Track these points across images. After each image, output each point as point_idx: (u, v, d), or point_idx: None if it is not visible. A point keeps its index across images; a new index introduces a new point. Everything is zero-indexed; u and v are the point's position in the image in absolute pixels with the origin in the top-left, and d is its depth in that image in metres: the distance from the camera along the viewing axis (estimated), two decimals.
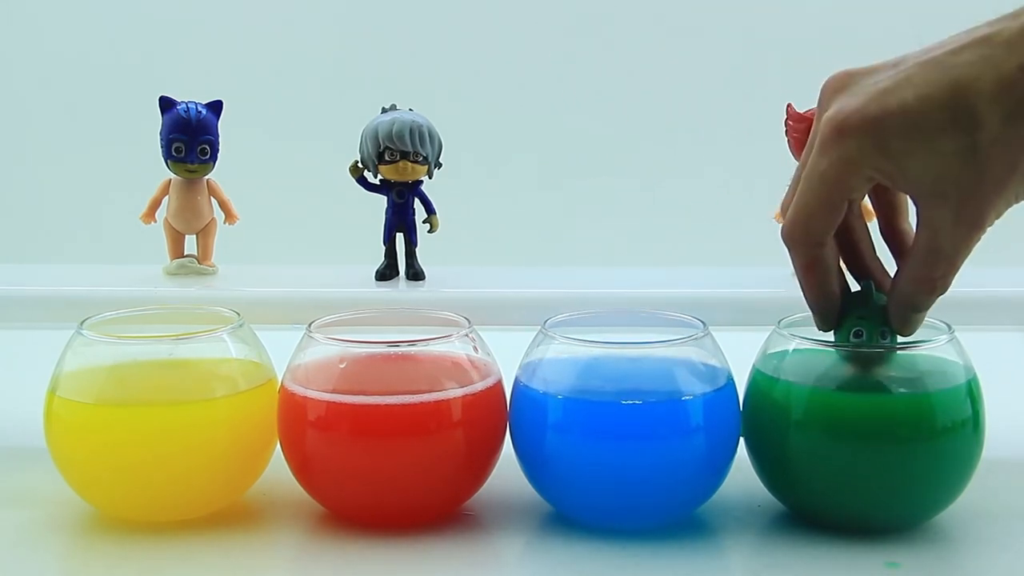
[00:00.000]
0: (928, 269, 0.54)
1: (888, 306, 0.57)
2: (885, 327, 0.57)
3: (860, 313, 0.58)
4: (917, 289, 0.55)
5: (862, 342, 0.57)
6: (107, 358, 0.58)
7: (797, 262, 0.57)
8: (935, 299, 0.56)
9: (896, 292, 0.56)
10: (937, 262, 0.54)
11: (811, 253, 0.56)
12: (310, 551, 0.57)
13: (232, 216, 0.74)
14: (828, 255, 0.56)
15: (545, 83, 1.39)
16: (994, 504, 0.62)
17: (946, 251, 0.53)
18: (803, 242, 0.56)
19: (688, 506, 0.59)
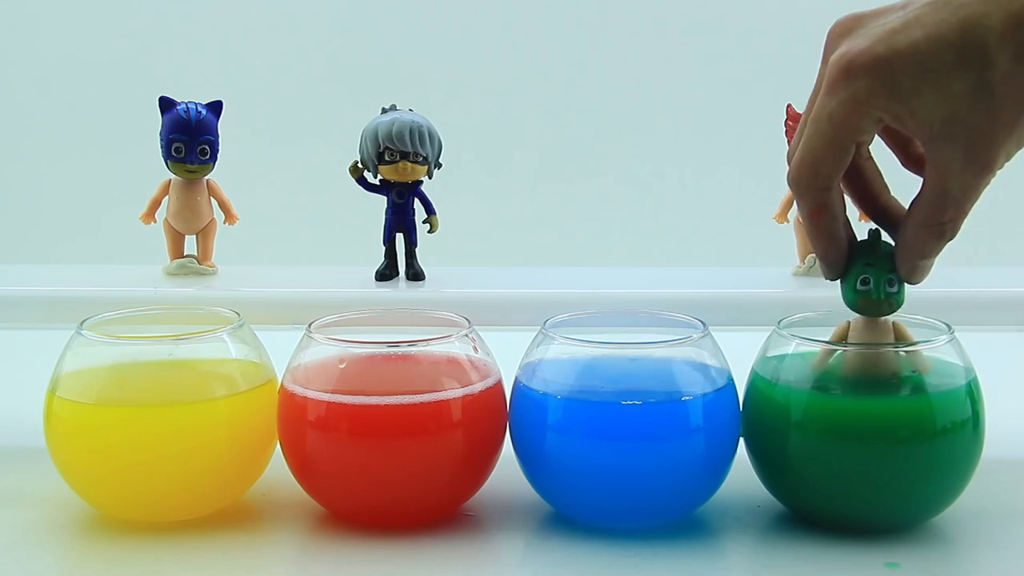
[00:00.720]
0: (936, 213, 0.53)
1: (896, 253, 0.56)
2: (892, 274, 0.56)
3: (867, 260, 0.57)
4: (925, 235, 0.54)
5: (866, 344, 0.57)
6: (107, 358, 0.58)
7: (803, 207, 0.56)
8: (943, 245, 0.55)
9: (903, 239, 0.55)
10: (945, 205, 0.53)
11: (818, 198, 0.55)
12: (310, 551, 0.57)
13: (232, 216, 0.74)
14: (835, 200, 0.55)
15: (545, 83, 1.39)
16: (994, 504, 0.62)
17: (954, 193, 0.52)
18: (810, 186, 0.55)
19: (688, 506, 0.59)
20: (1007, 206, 1.34)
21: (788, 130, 0.71)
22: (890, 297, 0.57)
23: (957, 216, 0.53)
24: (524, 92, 1.39)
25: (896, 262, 0.56)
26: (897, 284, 0.57)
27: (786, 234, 0.74)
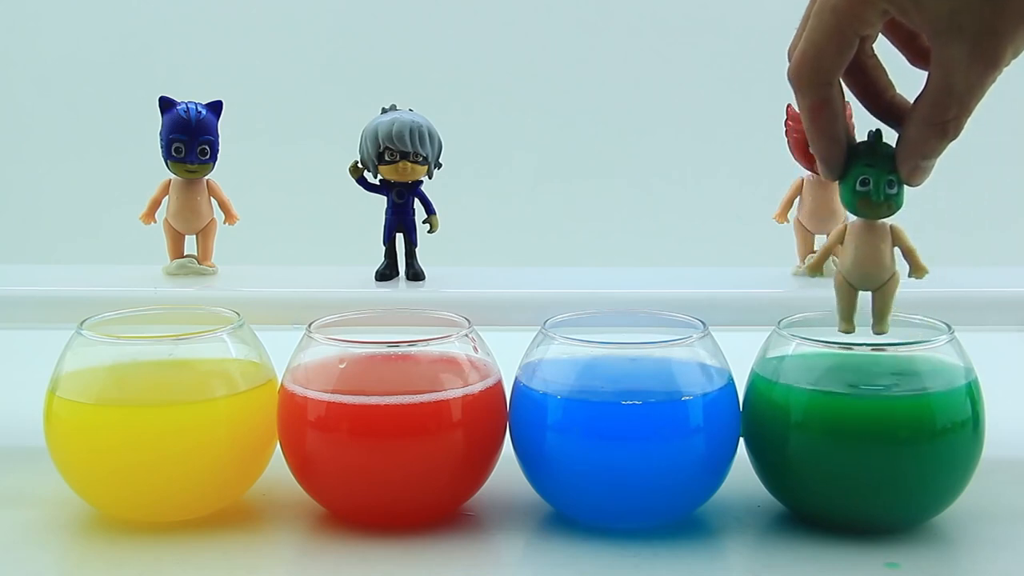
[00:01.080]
0: (940, 111, 0.52)
1: (897, 153, 0.55)
2: (892, 176, 0.56)
3: (867, 161, 0.56)
4: (928, 133, 0.53)
5: (862, 342, 0.57)
6: (107, 358, 0.58)
7: (803, 104, 0.54)
8: (945, 145, 0.53)
9: (905, 137, 0.54)
10: (949, 103, 0.52)
11: (819, 94, 0.54)
12: (310, 551, 0.57)
13: (232, 216, 0.73)
14: (836, 97, 0.54)
15: (545, 83, 1.39)
16: (994, 504, 0.62)
17: (959, 91, 0.51)
18: (811, 81, 0.53)
19: (688, 506, 0.59)
20: (1007, 206, 1.35)
21: (788, 130, 0.71)
22: (889, 199, 0.57)
23: (961, 114, 0.52)
24: (524, 92, 1.39)
25: (897, 162, 0.55)
26: (897, 186, 0.56)
27: (786, 234, 0.74)
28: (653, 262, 0.87)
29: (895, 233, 0.59)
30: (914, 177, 0.56)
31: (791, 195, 0.72)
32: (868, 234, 0.59)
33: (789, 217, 0.73)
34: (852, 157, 0.57)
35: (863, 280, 0.59)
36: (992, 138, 1.34)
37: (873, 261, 0.58)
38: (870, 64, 0.56)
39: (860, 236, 0.59)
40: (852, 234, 0.59)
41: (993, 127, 1.36)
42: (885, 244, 0.59)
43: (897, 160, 0.55)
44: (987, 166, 1.34)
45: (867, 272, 0.59)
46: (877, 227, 0.59)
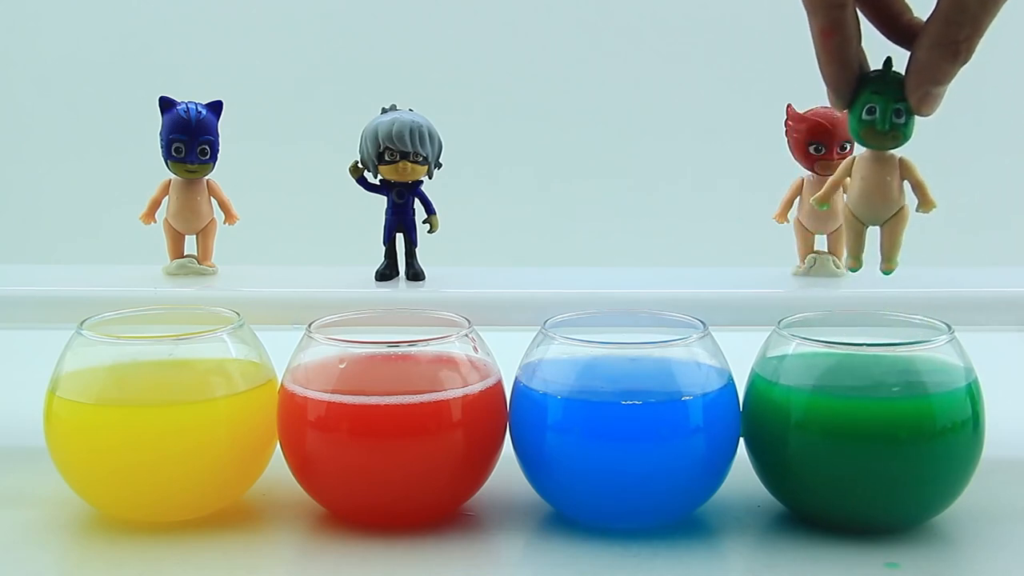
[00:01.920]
0: (952, 30, 0.51)
1: (906, 79, 0.54)
2: (901, 104, 0.55)
3: (875, 88, 0.55)
4: (939, 56, 0.52)
5: (863, 342, 0.57)
6: (107, 358, 0.58)
7: (815, 25, 0.53)
8: (957, 70, 0.52)
9: (915, 61, 0.53)
10: (962, 21, 0.51)
11: (831, 15, 0.52)
12: (310, 551, 0.57)
13: (232, 216, 0.73)
14: (849, 20, 0.53)
15: (545, 84, 1.39)
16: (994, 504, 0.62)
17: (972, 8, 0.50)
18: (823, 3, 0.52)
19: (688, 506, 0.59)
20: (1007, 206, 1.35)
21: (788, 130, 0.71)
22: (896, 128, 0.56)
23: (973, 34, 0.51)
24: (524, 92, 1.39)
25: (906, 89, 0.54)
26: (905, 115, 0.55)
27: (786, 234, 0.74)
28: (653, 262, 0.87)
29: (904, 165, 0.58)
30: (924, 105, 0.54)
31: (791, 195, 0.72)
32: (875, 165, 0.57)
33: (789, 217, 0.73)
34: (861, 85, 0.55)
35: (870, 214, 0.58)
36: (992, 138, 1.34)
37: (880, 194, 0.57)
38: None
39: (867, 168, 0.57)
40: (859, 166, 0.58)
41: (993, 127, 1.36)
42: (893, 176, 0.57)
43: (907, 86, 0.54)
44: (987, 166, 1.34)
45: (874, 205, 0.57)
46: (885, 158, 0.57)
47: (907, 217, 0.59)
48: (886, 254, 0.60)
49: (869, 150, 0.58)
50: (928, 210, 0.59)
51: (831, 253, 0.72)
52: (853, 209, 0.59)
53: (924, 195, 0.59)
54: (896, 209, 0.58)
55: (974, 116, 1.34)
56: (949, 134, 1.33)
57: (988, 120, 1.34)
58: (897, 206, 0.58)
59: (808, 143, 0.70)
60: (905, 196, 0.59)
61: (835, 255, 0.71)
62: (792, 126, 0.71)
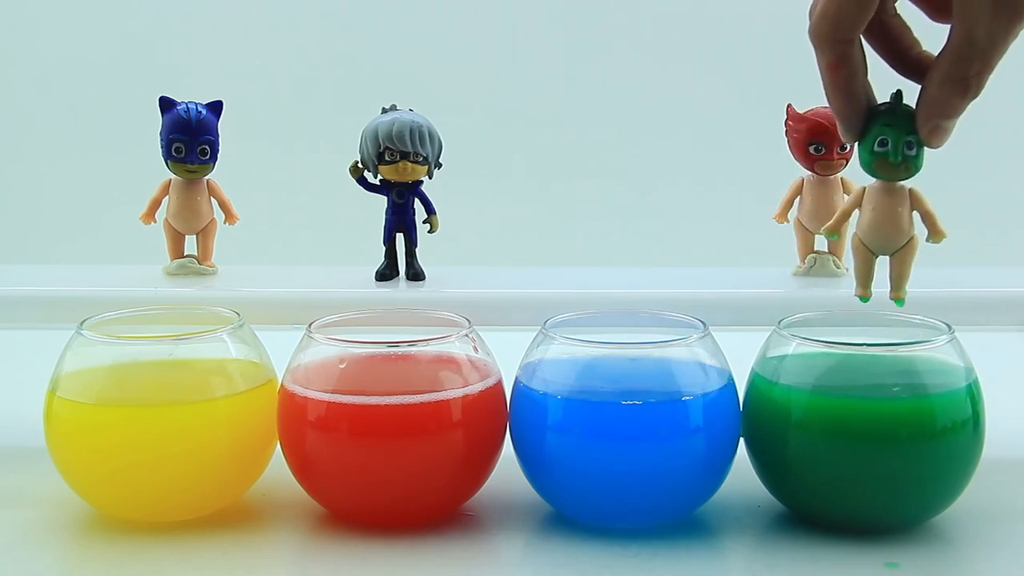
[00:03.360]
0: (962, 66, 0.52)
1: (917, 113, 0.55)
2: (912, 136, 0.56)
3: (886, 121, 0.56)
4: (949, 91, 0.53)
5: (863, 342, 0.57)
6: (107, 358, 0.58)
7: (823, 60, 0.54)
8: (967, 104, 0.53)
9: (925, 96, 0.54)
10: (972, 57, 0.51)
11: (838, 51, 0.54)
12: (310, 551, 0.57)
13: (232, 216, 0.73)
14: (856, 55, 0.54)
15: (545, 84, 1.39)
16: (994, 504, 0.62)
17: (982, 44, 0.51)
18: (830, 37, 0.53)
19: (688, 506, 0.59)
20: (1007, 206, 1.35)
21: (788, 130, 0.71)
22: (908, 160, 0.57)
23: (983, 70, 0.52)
24: (524, 92, 1.39)
25: (917, 122, 0.55)
26: (916, 147, 0.56)
27: (786, 234, 0.74)
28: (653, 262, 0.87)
29: (914, 196, 0.59)
30: (934, 138, 0.55)
31: (791, 195, 0.72)
32: (886, 196, 0.58)
33: (789, 217, 0.73)
34: (872, 118, 0.56)
35: (880, 244, 0.59)
36: (992, 138, 1.34)
37: (891, 224, 0.58)
38: (893, 23, 0.56)
39: (878, 198, 0.58)
40: (870, 196, 0.59)
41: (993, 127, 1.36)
42: (903, 207, 0.58)
43: (917, 120, 0.55)
44: (988, 166, 1.34)
45: (884, 235, 0.58)
46: (895, 189, 0.58)
47: (917, 247, 0.60)
48: (895, 283, 0.61)
49: (880, 181, 0.59)
50: (939, 240, 0.59)
51: (831, 253, 0.72)
52: (864, 239, 0.59)
53: (934, 225, 0.59)
54: (906, 240, 0.59)
55: (974, 116, 1.34)
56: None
57: (988, 120, 1.34)
58: (907, 236, 0.59)
59: (808, 143, 0.70)
60: (915, 227, 0.60)
61: (835, 255, 0.71)
62: (792, 126, 0.71)
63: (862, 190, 0.60)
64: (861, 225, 0.60)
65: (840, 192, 0.71)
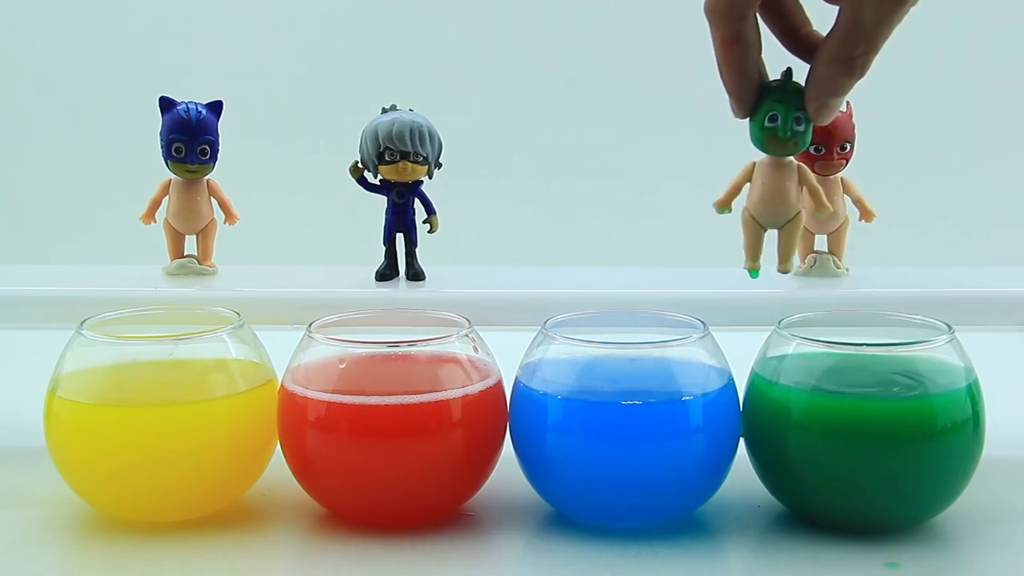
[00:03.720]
0: (848, 47, 0.54)
1: (806, 90, 0.57)
2: (800, 113, 0.58)
3: (776, 97, 0.59)
4: (836, 70, 0.55)
5: (862, 342, 0.57)
6: (107, 358, 0.58)
7: (717, 37, 0.57)
8: (853, 83, 0.55)
9: (814, 75, 0.57)
10: (858, 39, 0.54)
11: (732, 28, 0.56)
12: (310, 551, 0.57)
13: (232, 216, 0.73)
14: (749, 32, 0.56)
15: (545, 84, 1.39)
16: (994, 504, 0.62)
17: (867, 27, 0.53)
18: (725, 14, 0.56)
19: (688, 506, 0.59)
20: (1007, 206, 1.35)
21: None
22: (796, 135, 0.59)
23: (868, 51, 0.54)
24: (524, 92, 1.39)
25: (806, 100, 0.57)
26: (804, 123, 0.59)
27: None
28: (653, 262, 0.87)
29: (801, 172, 0.61)
30: (821, 114, 0.58)
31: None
32: (775, 171, 0.61)
33: None
34: (763, 94, 0.59)
35: (769, 217, 0.62)
36: (992, 138, 1.34)
37: (779, 198, 0.61)
38: (787, 2, 0.58)
39: (767, 173, 0.61)
40: (759, 171, 0.61)
41: (993, 127, 1.36)
42: (791, 182, 0.61)
43: (806, 97, 0.57)
44: (988, 166, 1.34)
45: (772, 209, 0.61)
46: (784, 164, 0.61)
47: (802, 221, 0.62)
48: (782, 255, 0.63)
49: (769, 156, 0.61)
50: (824, 214, 0.62)
51: (831, 253, 0.72)
52: (753, 212, 0.62)
53: (819, 199, 0.63)
54: (794, 213, 0.62)
55: (974, 117, 1.34)
56: (950, 135, 1.33)
57: (988, 121, 1.34)
58: (795, 210, 0.62)
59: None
60: (801, 201, 0.62)
61: (835, 255, 0.72)
62: None
63: (752, 165, 0.62)
64: (751, 199, 0.62)
65: (840, 192, 0.71)
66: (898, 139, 1.26)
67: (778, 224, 0.62)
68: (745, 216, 0.63)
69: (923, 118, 1.32)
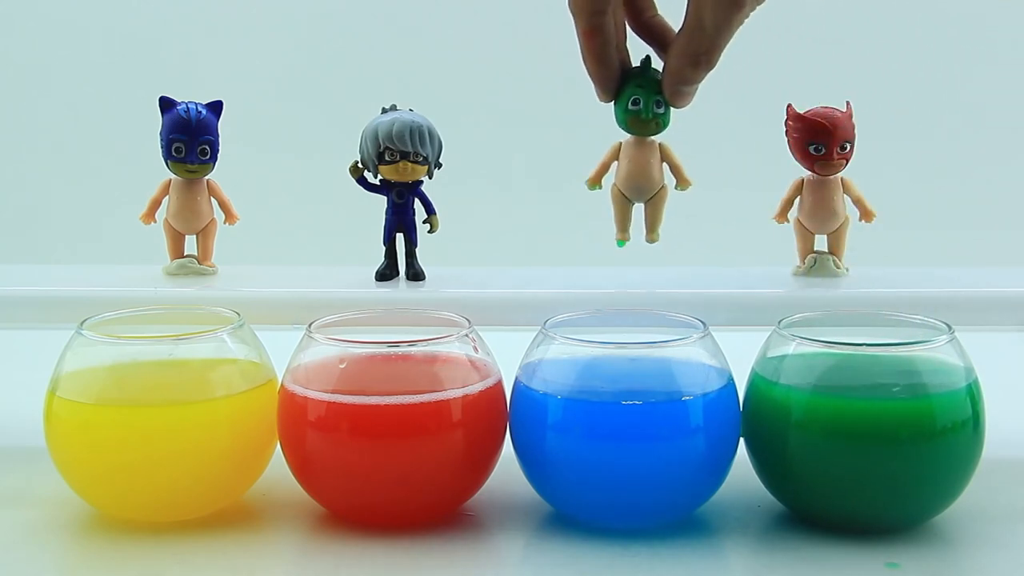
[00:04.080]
0: (694, 44, 0.60)
1: (662, 78, 0.64)
2: (659, 96, 0.65)
3: (638, 83, 0.65)
4: (685, 63, 0.61)
5: (863, 342, 0.57)
6: (107, 358, 0.58)
7: (579, 28, 0.62)
8: (702, 75, 0.61)
9: (667, 66, 0.63)
10: (701, 39, 0.59)
11: (593, 20, 0.61)
12: (310, 551, 0.57)
13: (232, 216, 0.73)
14: (609, 24, 0.62)
15: (545, 83, 1.39)
16: (994, 504, 0.62)
17: (709, 29, 0.59)
18: (586, 8, 0.61)
19: (688, 506, 0.59)
20: (1007, 206, 1.35)
21: (788, 130, 0.71)
22: (657, 117, 0.66)
23: (712, 49, 0.60)
24: (525, 92, 1.39)
25: (663, 86, 0.64)
26: (664, 107, 0.65)
27: (786, 234, 0.74)
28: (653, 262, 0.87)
29: (663, 149, 0.68)
30: (676, 100, 0.64)
31: (791, 195, 0.72)
32: (639, 150, 0.67)
33: (789, 217, 0.73)
34: (625, 80, 0.65)
35: (635, 192, 0.68)
36: (992, 138, 1.34)
37: (643, 175, 0.67)
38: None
39: (632, 152, 0.68)
40: (625, 150, 0.68)
41: (993, 127, 1.36)
42: (654, 159, 0.67)
43: (662, 84, 0.63)
44: (987, 166, 1.34)
45: (638, 184, 0.67)
46: (647, 144, 0.68)
47: (667, 194, 0.68)
48: (649, 226, 0.69)
49: (633, 136, 0.68)
50: (685, 188, 0.68)
51: (831, 253, 0.72)
52: (621, 188, 0.68)
53: (680, 175, 0.68)
54: (658, 188, 0.68)
55: (974, 117, 1.34)
56: (950, 135, 1.33)
57: (988, 121, 1.34)
58: (659, 185, 0.68)
59: (808, 143, 0.70)
60: (664, 177, 0.68)
61: (835, 255, 0.72)
62: (792, 126, 0.71)
63: (618, 145, 0.68)
64: (619, 176, 0.68)
65: (840, 192, 0.71)
66: (898, 139, 1.26)
67: (645, 198, 0.68)
68: (614, 192, 0.69)
69: (923, 118, 1.31)
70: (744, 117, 1.25)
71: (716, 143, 1.37)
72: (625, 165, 0.68)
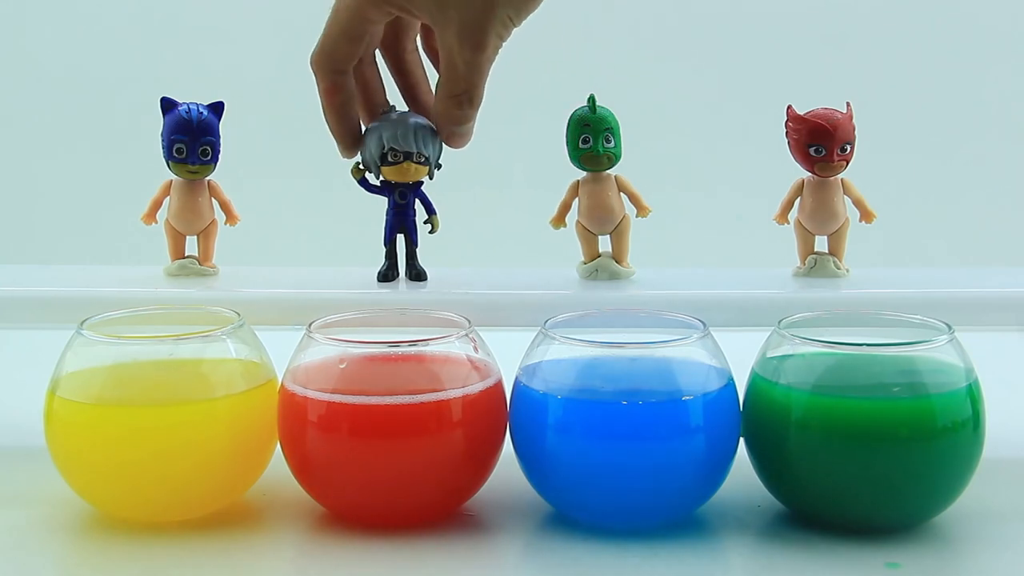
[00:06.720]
0: (451, 86, 0.63)
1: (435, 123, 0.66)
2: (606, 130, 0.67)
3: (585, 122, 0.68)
4: (449, 104, 0.64)
5: (863, 342, 0.57)
6: (107, 358, 0.58)
7: (320, 86, 0.65)
8: (469, 112, 0.64)
9: (435, 111, 0.66)
10: (457, 79, 0.63)
11: (333, 79, 0.65)
12: (310, 551, 0.58)
13: (233, 217, 0.73)
14: (349, 83, 0.65)
15: (545, 83, 1.39)
16: (994, 504, 0.62)
17: (461, 70, 0.61)
18: (326, 67, 0.64)
19: (688, 506, 0.59)
20: (1007, 206, 1.35)
21: (788, 131, 0.71)
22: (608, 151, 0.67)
23: (470, 88, 0.63)
24: (525, 92, 1.39)
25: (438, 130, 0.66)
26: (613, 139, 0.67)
27: (786, 235, 0.74)
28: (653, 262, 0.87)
29: (619, 181, 0.69)
30: (452, 142, 0.67)
31: (791, 196, 0.72)
32: (596, 185, 0.69)
33: (789, 218, 0.73)
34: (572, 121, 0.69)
35: (598, 225, 0.69)
36: (992, 139, 1.34)
37: (604, 207, 0.69)
38: (410, 60, 0.68)
39: (590, 188, 0.69)
40: (583, 187, 0.70)
41: (992, 127, 1.36)
42: (612, 192, 0.69)
43: (437, 128, 0.66)
44: (987, 166, 1.34)
45: (600, 217, 0.69)
46: (603, 178, 0.69)
47: (630, 224, 0.69)
48: (616, 256, 0.70)
49: (589, 173, 0.69)
50: (645, 215, 0.69)
51: (832, 254, 0.72)
52: (584, 223, 0.69)
53: (639, 203, 0.70)
54: (620, 219, 0.69)
55: (974, 117, 1.34)
56: (950, 135, 1.33)
57: (988, 121, 1.34)
58: (620, 216, 0.69)
59: (808, 145, 0.70)
60: (625, 207, 0.70)
61: (836, 256, 0.72)
62: (792, 127, 0.71)
63: (576, 183, 0.70)
64: (580, 212, 0.69)
65: (840, 193, 0.71)
66: (898, 140, 1.26)
67: (608, 230, 0.70)
68: (579, 227, 0.70)
69: (923, 119, 1.32)
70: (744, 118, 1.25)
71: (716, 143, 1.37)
72: (585, 201, 0.69)
